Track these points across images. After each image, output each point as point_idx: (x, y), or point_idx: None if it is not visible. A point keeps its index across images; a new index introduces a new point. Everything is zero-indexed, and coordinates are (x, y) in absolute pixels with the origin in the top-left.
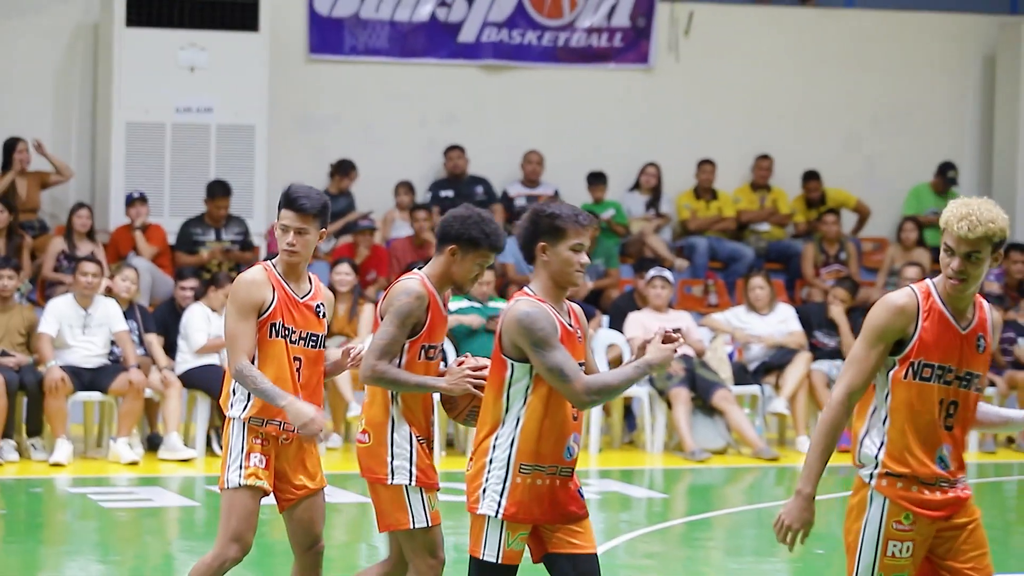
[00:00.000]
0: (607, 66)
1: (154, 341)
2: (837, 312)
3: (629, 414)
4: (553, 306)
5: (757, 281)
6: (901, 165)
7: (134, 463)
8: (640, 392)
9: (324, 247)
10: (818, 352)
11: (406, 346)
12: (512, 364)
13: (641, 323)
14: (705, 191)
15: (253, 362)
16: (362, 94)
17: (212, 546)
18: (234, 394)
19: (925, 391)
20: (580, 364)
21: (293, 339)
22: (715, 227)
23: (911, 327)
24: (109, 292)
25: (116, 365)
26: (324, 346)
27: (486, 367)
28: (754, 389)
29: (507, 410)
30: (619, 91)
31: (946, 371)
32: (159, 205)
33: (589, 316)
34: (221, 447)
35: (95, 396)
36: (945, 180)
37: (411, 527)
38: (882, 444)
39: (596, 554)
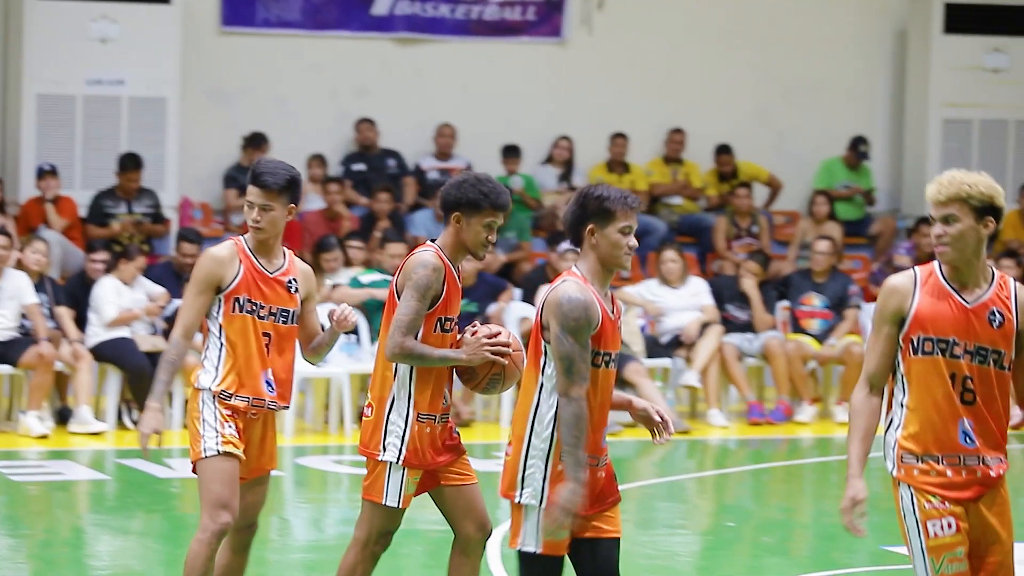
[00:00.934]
0: (520, 39)
1: (64, 314)
2: (749, 285)
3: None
4: (599, 290)
5: (669, 254)
6: (812, 139)
7: (44, 436)
8: None
9: (237, 220)
10: (730, 325)
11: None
12: (546, 347)
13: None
14: (617, 164)
15: (222, 339)
16: (274, 67)
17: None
18: (204, 363)
19: (931, 365)
20: (618, 352)
21: (261, 314)
22: None
23: (907, 304)
24: (19, 265)
25: (26, 338)
26: (295, 321)
27: (500, 333)
28: (666, 362)
29: (539, 400)
30: (532, 65)
31: (950, 344)
32: (70, 177)
33: (501, 289)
34: (188, 422)
35: (5, 369)
36: (857, 154)
37: (381, 502)
38: (899, 427)
39: (619, 538)
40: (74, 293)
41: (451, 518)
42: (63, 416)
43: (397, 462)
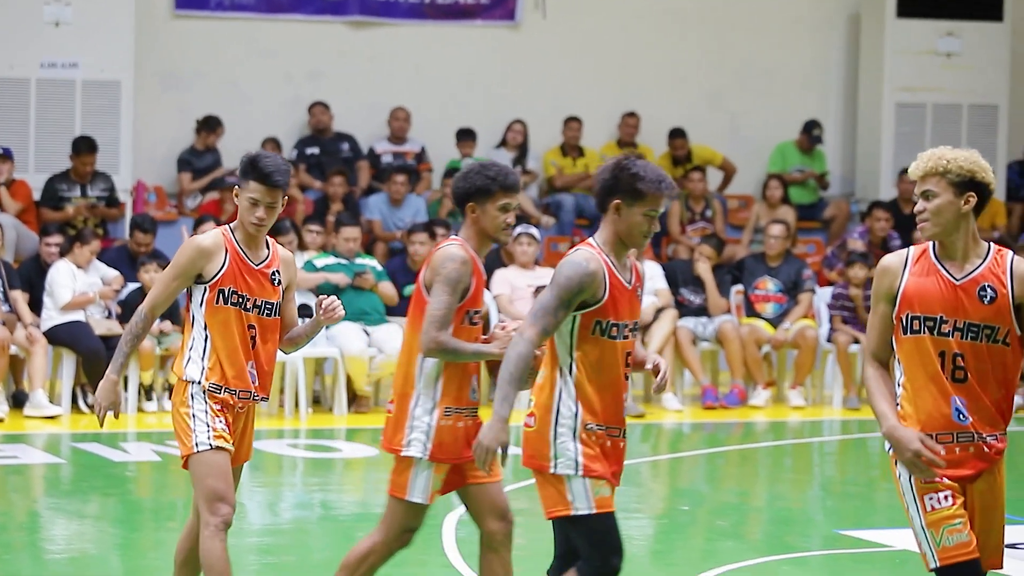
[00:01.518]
0: (474, 23)
1: (19, 297)
2: (703, 269)
3: (494, 370)
4: (614, 261)
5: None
6: (766, 123)
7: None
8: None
9: (191, 203)
10: (684, 309)
11: None
12: (573, 317)
13: (508, 280)
14: (572, 148)
15: (206, 330)
16: (228, 50)
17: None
18: (189, 358)
19: (920, 344)
20: (635, 321)
21: (247, 307)
22: (582, 184)
23: (896, 283)
24: None
25: None
26: (279, 314)
27: None
28: None
29: (560, 370)
30: (486, 48)
31: (938, 322)
32: (24, 161)
33: None
34: (175, 416)
35: None
36: (810, 138)
37: (406, 498)
38: (897, 406)
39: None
40: (28, 277)
41: (476, 515)
42: (18, 400)
43: (423, 458)
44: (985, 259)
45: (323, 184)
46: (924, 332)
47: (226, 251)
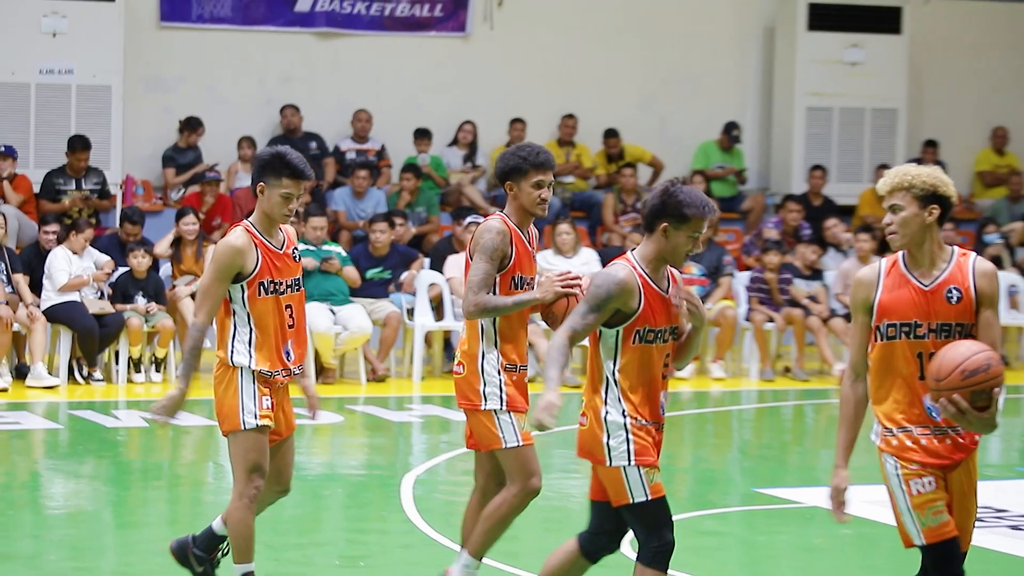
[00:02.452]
0: (428, 34)
1: (21, 280)
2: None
3: (448, 346)
4: (650, 275)
5: (563, 227)
6: (690, 124)
7: (3, 390)
8: (457, 326)
9: (174, 196)
10: None
11: (498, 280)
12: (600, 330)
13: (458, 265)
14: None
15: (250, 321)
16: (208, 58)
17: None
18: (234, 345)
19: (896, 349)
20: (673, 327)
21: (282, 290)
22: None
23: (872, 294)
24: None
25: None
26: (303, 286)
27: (569, 272)
28: None
29: (603, 375)
30: (439, 56)
31: (913, 327)
32: (25, 157)
33: (412, 259)
34: (222, 395)
35: None
36: (730, 138)
37: (503, 446)
38: (879, 404)
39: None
40: (29, 262)
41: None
42: (20, 372)
43: (502, 407)
44: (950, 263)
45: None
46: (901, 337)
47: (255, 246)
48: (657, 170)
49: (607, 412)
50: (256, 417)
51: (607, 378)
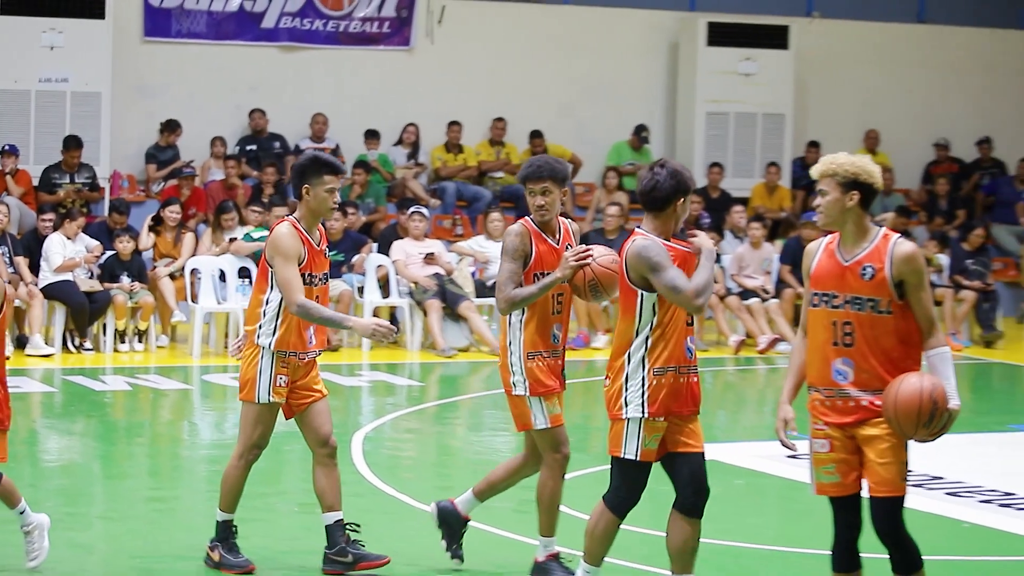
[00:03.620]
0: (377, 47)
1: (21, 262)
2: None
3: (393, 320)
4: (665, 241)
5: (494, 216)
6: (605, 127)
7: (7, 358)
8: (402, 303)
9: (155, 188)
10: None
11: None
12: (641, 293)
13: (403, 249)
14: (453, 146)
15: (282, 308)
16: (185, 68)
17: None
18: (261, 327)
19: (819, 315)
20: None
21: (315, 282)
22: (461, 174)
23: (810, 265)
24: None
25: None
26: (328, 280)
27: (582, 248)
28: (491, 301)
29: (637, 333)
30: (387, 67)
31: (831, 297)
32: (25, 155)
33: (362, 244)
34: (241, 365)
35: None
36: (639, 139)
37: (534, 427)
38: (807, 364)
39: (703, 452)
40: (28, 246)
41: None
42: (20, 342)
43: (527, 393)
44: (871, 243)
45: (259, 174)
46: (821, 305)
47: (303, 242)
48: (576, 167)
49: (627, 375)
50: (269, 394)
51: (634, 338)
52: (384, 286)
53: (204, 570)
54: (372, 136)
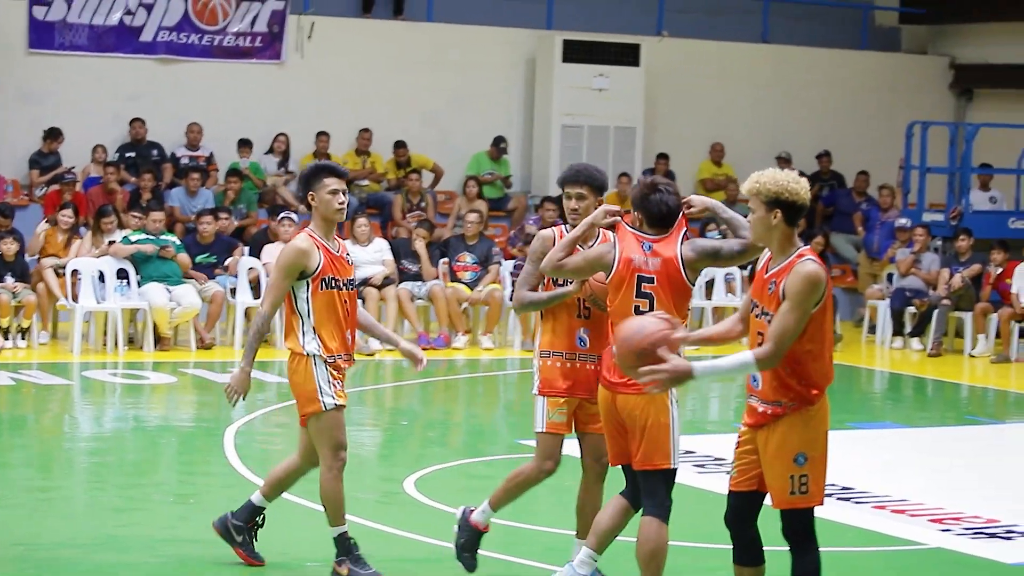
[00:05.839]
0: (250, 61)
1: None
2: (419, 246)
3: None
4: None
5: (361, 221)
6: (466, 138)
7: None
8: None
9: (38, 193)
10: (404, 275)
11: (545, 279)
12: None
13: (273, 253)
14: (322, 155)
15: (314, 313)
16: (69, 79)
17: None
18: (304, 335)
19: (752, 322)
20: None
21: (340, 287)
22: None
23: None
24: None
25: None
26: (356, 285)
27: (614, 207)
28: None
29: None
30: (259, 79)
31: (756, 306)
32: None
33: (233, 247)
34: (300, 383)
35: None
36: (498, 149)
37: (533, 428)
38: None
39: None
40: None
41: (582, 454)
42: None
43: (536, 391)
44: (786, 260)
45: (137, 179)
46: (755, 313)
47: (318, 248)
48: (438, 175)
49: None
50: (334, 398)
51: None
52: (255, 288)
53: (84, 555)
54: (245, 145)
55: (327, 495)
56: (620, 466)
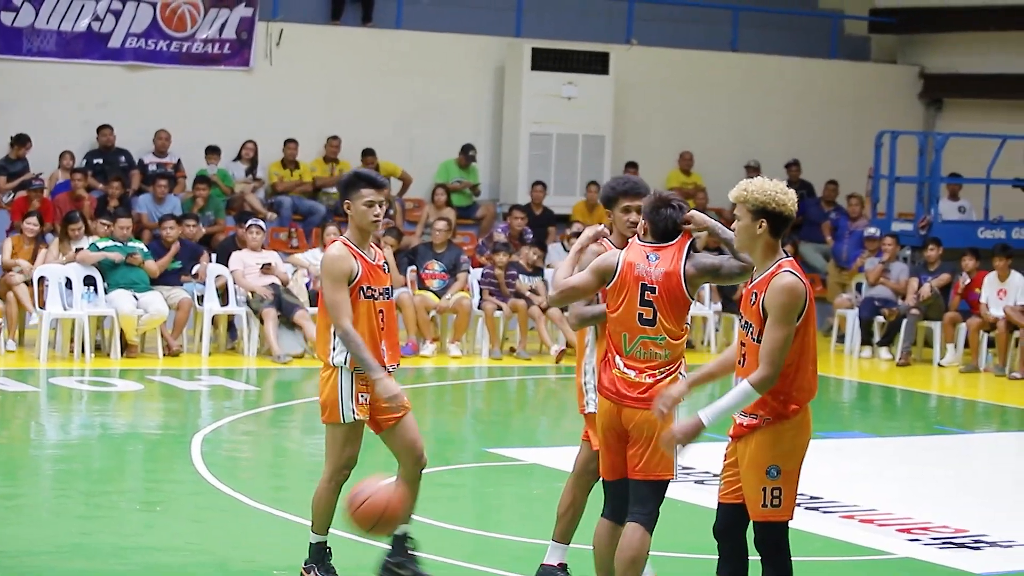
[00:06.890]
0: (218, 68)
1: None
2: (388, 253)
3: (231, 327)
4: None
5: (330, 229)
6: (434, 145)
7: None
8: (239, 311)
9: (5, 199)
10: None
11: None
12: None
13: (241, 259)
14: (290, 163)
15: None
16: (37, 85)
17: None
18: (335, 348)
19: (739, 334)
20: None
21: (376, 296)
22: (297, 189)
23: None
24: None
25: None
26: (393, 295)
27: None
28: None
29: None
30: (227, 86)
31: (741, 317)
32: None
33: (200, 253)
34: (327, 390)
35: None
36: (467, 157)
37: (594, 448)
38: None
39: None
40: None
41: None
42: None
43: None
44: (767, 271)
45: (105, 186)
46: (741, 325)
47: (354, 257)
48: (406, 183)
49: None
50: (354, 412)
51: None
52: (223, 295)
53: (51, 562)
54: (212, 152)
55: (319, 504)
56: (603, 482)
